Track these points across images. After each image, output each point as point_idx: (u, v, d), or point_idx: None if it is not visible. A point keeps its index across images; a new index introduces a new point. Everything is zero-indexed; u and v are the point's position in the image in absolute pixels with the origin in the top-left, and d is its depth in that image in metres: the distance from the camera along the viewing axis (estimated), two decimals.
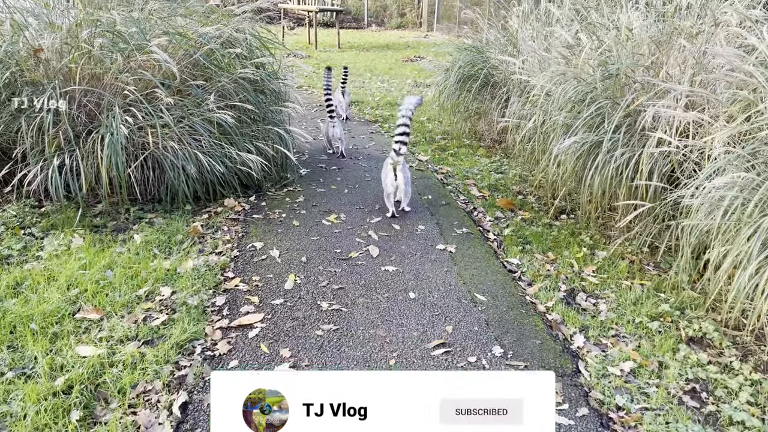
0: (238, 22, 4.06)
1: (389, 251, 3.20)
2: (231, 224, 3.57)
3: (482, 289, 2.81)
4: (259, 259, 3.05)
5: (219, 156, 3.73)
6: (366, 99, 7.93)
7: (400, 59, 12.68)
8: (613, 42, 3.56)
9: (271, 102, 4.22)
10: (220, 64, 3.89)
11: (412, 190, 3.89)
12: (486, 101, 5.63)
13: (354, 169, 4.72)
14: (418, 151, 5.48)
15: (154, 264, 3.00)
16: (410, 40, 16.88)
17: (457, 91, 5.62)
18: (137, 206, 3.81)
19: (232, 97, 3.86)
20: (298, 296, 2.68)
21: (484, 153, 5.50)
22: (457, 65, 5.59)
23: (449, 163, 5.14)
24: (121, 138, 3.40)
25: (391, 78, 10.03)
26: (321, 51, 13.90)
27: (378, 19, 22.33)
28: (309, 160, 4.95)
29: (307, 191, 4.15)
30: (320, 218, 3.65)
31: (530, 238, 3.52)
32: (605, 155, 3.23)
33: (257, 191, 4.07)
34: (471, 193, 4.31)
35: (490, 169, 4.98)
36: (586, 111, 3.43)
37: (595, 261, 3.25)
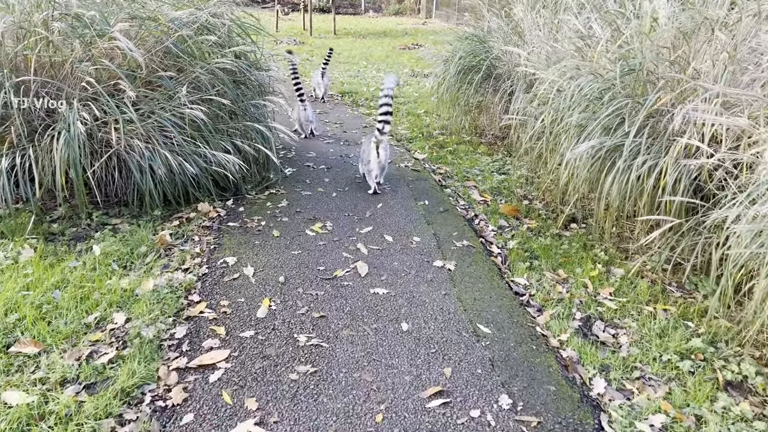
0: (215, 6, 3.64)
1: (380, 269, 2.82)
2: (203, 233, 3.18)
3: (486, 318, 2.44)
4: (231, 278, 2.67)
5: (191, 156, 3.34)
6: (360, 89, 7.51)
7: (397, 47, 12.25)
8: (634, 33, 3.17)
9: (253, 95, 3.81)
10: (194, 53, 3.48)
11: (408, 194, 3.53)
12: (488, 94, 5.23)
13: (344, 169, 4.33)
14: (415, 148, 5.08)
15: (111, 283, 2.62)
16: (408, 26, 16.41)
17: (457, 83, 5.22)
18: (102, 210, 3.42)
19: (208, 90, 3.45)
20: (272, 327, 2.30)
21: (485, 150, 5.11)
22: (457, 56, 5.18)
23: (448, 162, 4.75)
24: (79, 135, 3.00)
25: (387, 67, 9.61)
26: (316, 37, 13.45)
27: (375, 4, 21.81)
28: (295, 157, 4.56)
29: (292, 194, 3.76)
30: (304, 227, 3.27)
31: (538, 252, 3.15)
32: (625, 162, 2.85)
33: (236, 194, 3.68)
34: (472, 198, 3.93)
35: (492, 169, 4.59)
36: (603, 111, 3.04)
37: (611, 281, 2.88)
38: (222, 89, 3.55)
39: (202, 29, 3.65)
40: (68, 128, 3.03)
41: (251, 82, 3.77)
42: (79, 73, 3.22)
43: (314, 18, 16.83)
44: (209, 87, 3.48)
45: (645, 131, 2.87)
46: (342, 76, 8.50)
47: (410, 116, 6.25)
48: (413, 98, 7.17)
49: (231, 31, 3.83)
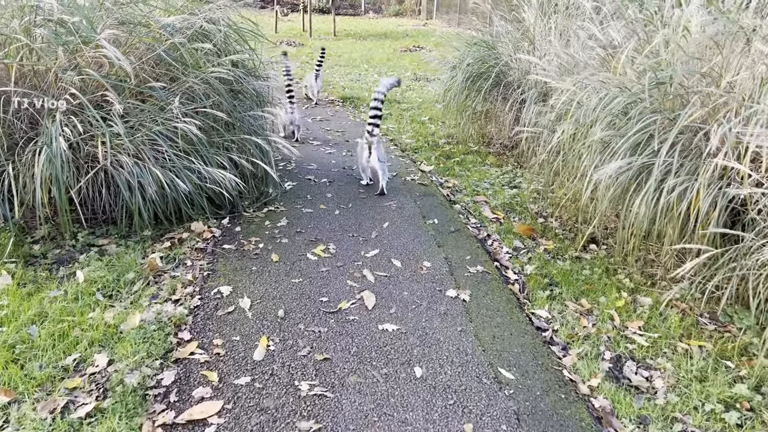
0: (211, 11, 3.41)
1: (388, 299, 2.58)
2: (196, 257, 2.95)
3: (508, 360, 2.21)
4: (225, 311, 2.43)
5: (184, 172, 3.10)
6: (362, 95, 7.27)
7: (399, 49, 12.02)
8: (662, 42, 2.94)
9: (251, 106, 3.58)
10: (187, 62, 3.24)
11: (416, 211, 3.30)
12: (497, 103, 5.00)
13: (347, 182, 4.09)
14: (421, 159, 4.85)
15: (94, 316, 2.38)
16: (409, 28, 16.19)
17: (464, 90, 4.99)
18: (89, 229, 3.19)
19: (203, 101, 3.22)
20: (270, 372, 2.07)
21: (494, 161, 4.88)
22: (465, 62, 4.95)
23: (456, 174, 4.52)
24: (62, 152, 2.77)
25: (389, 70, 9.37)
26: (315, 39, 13.22)
27: (375, 5, 21.60)
28: (296, 170, 4.33)
29: (292, 212, 3.52)
30: (305, 250, 3.03)
31: (558, 278, 2.92)
32: (654, 182, 2.62)
33: (232, 211, 3.44)
34: (483, 215, 3.70)
35: (503, 182, 4.36)
36: (629, 127, 2.81)
37: (639, 312, 2.65)
38: (217, 100, 3.31)
39: (196, 36, 3.42)
40: (50, 143, 2.79)
41: (249, 91, 3.54)
42: (63, 83, 2.99)
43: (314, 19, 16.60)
44: (204, 98, 3.24)
45: (676, 149, 2.64)
46: (343, 80, 8.27)
47: (414, 123, 6.02)
48: (417, 104, 6.94)
49: (228, 38, 3.59)
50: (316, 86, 6.64)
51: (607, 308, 2.68)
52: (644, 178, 2.80)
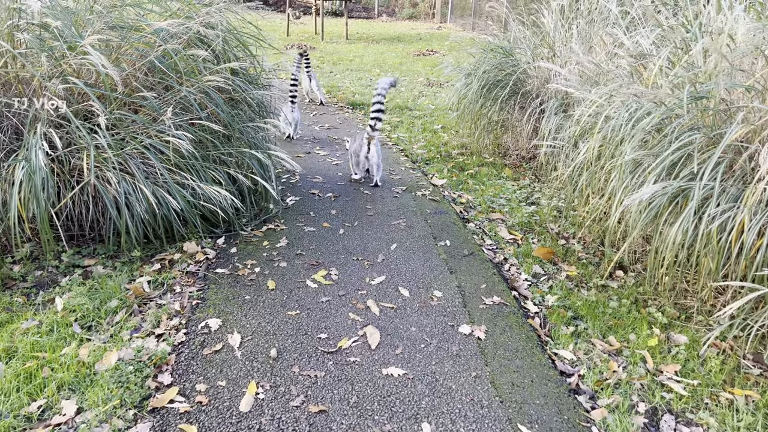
0: (209, 15, 3.18)
1: (394, 337, 2.32)
2: (186, 282, 2.71)
3: (529, 414, 1.94)
4: (212, 349, 2.19)
5: (176, 188, 2.87)
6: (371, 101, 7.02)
7: (412, 53, 11.77)
8: (700, 52, 2.66)
9: (251, 117, 3.34)
10: (182, 69, 3.01)
11: (426, 231, 3.05)
12: (514, 112, 4.73)
13: (353, 198, 3.84)
14: (432, 171, 4.59)
15: (68, 352, 2.15)
16: (422, 31, 15.94)
17: (479, 99, 4.72)
18: (74, 248, 2.97)
19: (198, 112, 2.98)
20: (258, 427, 1.81)
21: (509, 174, 4.60)
22: (480, 69, 4.69)
23: (469, 188, 4.25)
24: (41, 167, 2.55)
25: (401, 75, 9.12)
26: (327, 42, 13.01)
27: (389, 8, 21.40)
28: (299, 183, 4.08)
29: (293, 231, 3.28)
30: (304, 275, 2.78)
31: (582, 311, 2.65)
32: (694, 207, 2.34)
33: (228, 230, 3.20)
34: (499, 236, 3.43)
35: (520, 197, 4.09)
36: (664, 145, 2.54)
37: (674, 353, 2.37)
38: (215, 110, 3.08)
39: (193, 42, 3.19)
40: (29, 158, 2.57)
41: (249, 101, 3.30)
42: (47, 92, 2.77)
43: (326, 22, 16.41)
44: (199, 108, 3.01)
45: (718, 172, 2.36)
46: (354, 85, 8.03)
47: (426, 132, 5.76)
48: (429, 111, 6.68)
49: (228, 44, 3.36)
50: (313, 86, 6.65)
51: (638, 347, 2.40)
52: (680, 201, 2.53)
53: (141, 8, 3.10)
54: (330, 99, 7.15)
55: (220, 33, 3.11)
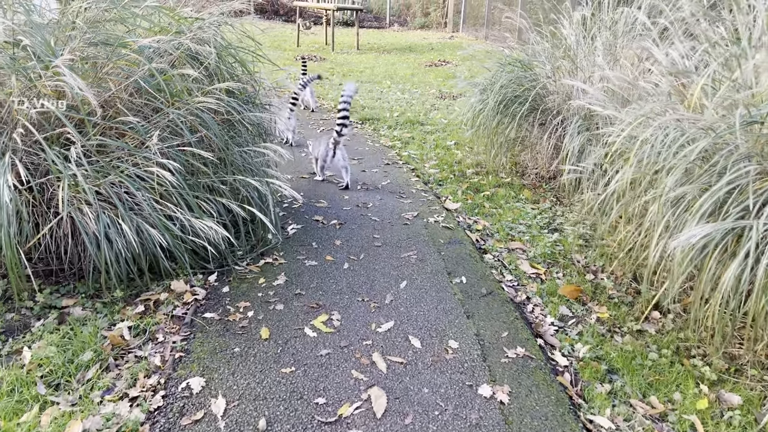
0: (201, 30, 2.91)
1: (403, 401, 2.01)
2: (171, 328, 2.42)
3: None
4: (191, 419, 1.89)
5: (163, 221, 2.59)
6: (383, 115, 6.74)
7: (423, 63, 11.49)
8: (752, 70, 2.34)
9: (247, 140, 3.06)
10: (170, 90, 2.74)
11: (439, 265, 2.74)
12: (533, 129, 4.42)
13: (360, 226, 3.54)
14: (445, 193, 4.28)
15: (26, 419, 1.87)
16: (434, 41, 15.67)
17: (496, 115, 4.41)
18: (53, 286, 2.70)
19: (188, 136, 2.71)
20: None
21: (528, 196, 4.29)
22: (497, 84, 4.38)
23: (485, 212, 3.94)
24: (7, 202, 2.28)
25: (413, 87, 8.83)
26: (338, 53, 12.78)
27: (401, 18, 21.19)
28: (303, 208, 3.79)
29: (293, 265, 2.98)
30: (303, 321, 2.48)
31: (618, 364, 2.32)
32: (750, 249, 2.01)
33: (222, 265, 2.92)
34: (520, 269, 3.11)
35: (541, 223, 3.77)
36: (714, 177, 2.22)
37: (728, 418, 2.04)
38: (208, 134, 2.81)
39: (185, 59, 2.92)
40: None
41: (246, 123, 3.02)
42: (19, 116, 2.51)
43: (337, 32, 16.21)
44: (190, 132, 2.73)
45: None
46: (364, 98, 7.75)
47: (439, 149, 5.46)
48: (441, 126, 6.38)
49: (223, 61, 3.09)
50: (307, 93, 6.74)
51: (685, 411, 2.08)
52: (730, 239, 2.20)
53: (127, 24, 2.83)
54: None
55: (213, 50, 2.83)
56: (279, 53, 12.10)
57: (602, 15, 4.40)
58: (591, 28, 4.39)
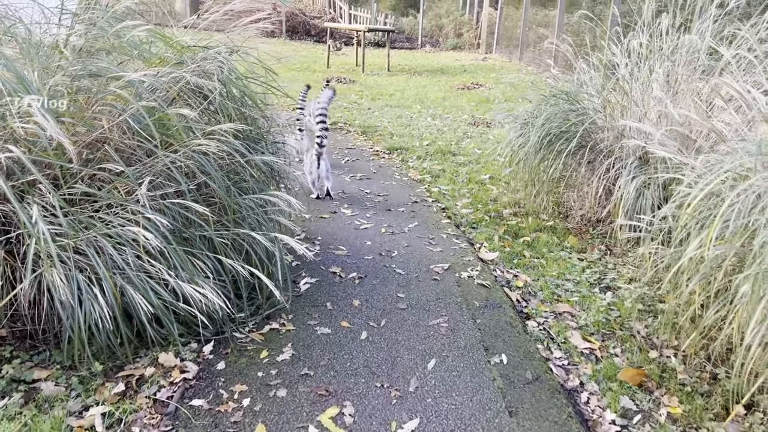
0: (205, 60, 2.54)
1: None
2: (151, 419, 2.02)
3: None
4: None
5: (149, 283, 2.20)
6: (412, 144, 6.33)
7: (455, 86, 11.09)
8: None
9: (254, 187, 2.67)
10: (163, 131, 2.37)
11: (474, 338, 2.29)
12: (581, 168, 3.95)
13: (383, 281, 3.11)
14: (480, 239, 3.82)
15: None
16: (467, 63, 15.30)
17: (539, 151, 3.96)
18: (25, 353, 2.34)
19: (184, 184, 2.33)
20: None
21: (574, 243, 3.80)
22: (540, 118, 3.93)
23: (526, 264, 3.47)
24: None
25: (444, 111, 8.43)
26: (368, 74, 12.49)
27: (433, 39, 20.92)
28: (320, 255, 3.38)
29: (301, 333, 2.56)
30: (308, 415, 2.05)
31: None
32: None
33: (219, 332, 2.51)
34: (570, 342, 2.63)
35: (591, 279, 3.29)
36: None
37: None
38: (205, 181, 2.42)
39: (186, 94, 2.56)
40: None
41: (253, 167, 2.63)
42: None
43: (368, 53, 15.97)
44: (187, 179, 2.35)
45: None
46: (392, 125, 7.37)
47: (472, 184, 5.02)
48: (475, 157, 5.94)
49: (230, 94, 2.72)
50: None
51: None
52: None
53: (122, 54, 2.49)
54: (364, 141, 6.51)
55: (218, 84, 2.46)
56: (308, 75, 11.84)
57: (660, 42, 3.93)
58: (646, 57, 3.92)
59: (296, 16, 19.07)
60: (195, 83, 2.49)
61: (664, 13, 4.05)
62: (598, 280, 3.31)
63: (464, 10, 20.39)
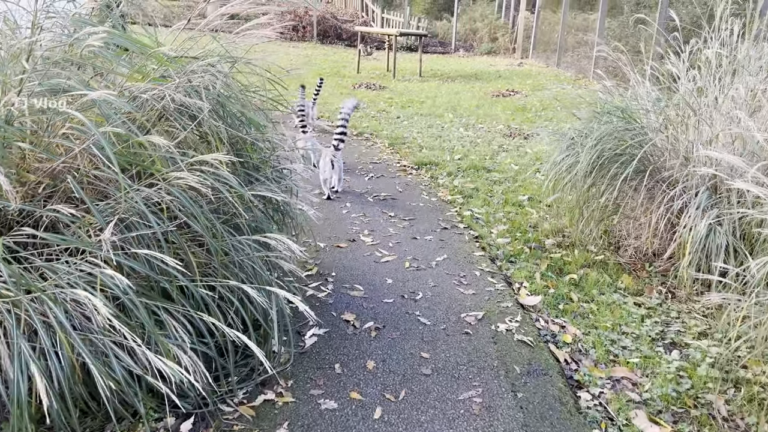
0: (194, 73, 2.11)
1: None
2: None
3: None
4: None
5: (113, 350, 1.78)
6: (443, 158, 5.84)
7: (490, 93, 10.55)
8: None
9: (251, 225, 2.23)
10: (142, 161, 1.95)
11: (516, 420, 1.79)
12: (637, 194, 3.42)
13: (404, 333, 2.63)
14: (519, 277, 3.32)
15: None
16: (502, 68, 14.72)
17: (589, 175, 3.44)
18: None
19: (156, 225, 1.90)
20: None
21: (629, 283, 3.27)
22: (591, 137, 3.41)
23: (574, 311, 2.96)
24: None
25: (477, 121, 7.91)
26: (399, 80, 12.04)
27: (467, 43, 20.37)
28: (332, 297, 2.92)
29: (302, 408, 2.10)
30: None
31: None
32: None
33: (200, 406, 2.07)
34: (634, 426, 2.12)
35: (653, 332, 2.76)
36: None
37: None
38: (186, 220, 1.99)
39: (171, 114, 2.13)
40: None
41: (246, 204, 2.19)
42: None
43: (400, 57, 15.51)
44: (161, 219, 1.93)
45: None
46: (422, 136, 6.88)
47: (509, 206, 4.51)
48: (511, 173, 5.41)
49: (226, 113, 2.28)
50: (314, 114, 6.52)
51: None
52: None
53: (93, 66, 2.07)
54: (391, 155, 6.05)
55: (206, 104, 2.02)
56: (337, 80, 11.44)
57: (734, 52, 3.38)
58: (715, 68, 3.38)
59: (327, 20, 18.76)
60: (181, 102, 2.06)
61: (733, 18, 3.50)
62: (660, 334, 2.78)
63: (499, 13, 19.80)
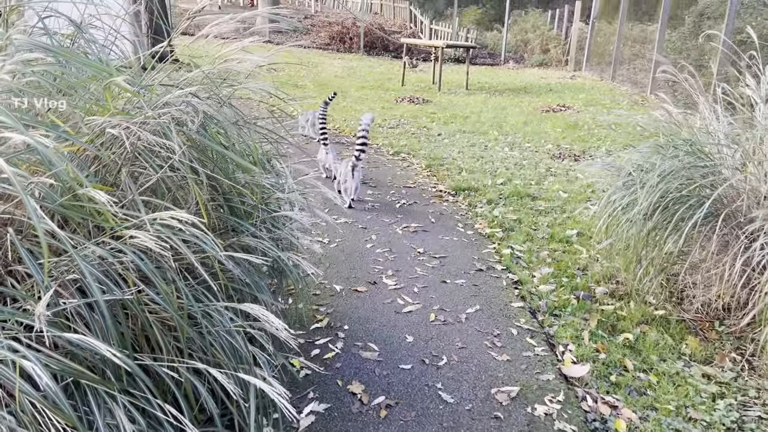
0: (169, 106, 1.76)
1: None
2: None
3: None
4: None
5: None
6: (482, 183, 5.37)
7: (539, 108, 9.99)
8: None
9: (236, 289, 1.85)
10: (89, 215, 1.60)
11: None
12: (707, 240, 2.89)
13: (420, 416, 2.20)
14: (564, 336, 2.84)
15: None
16: (553, 81, 14.09)
17: (650, 217, 2.93)
18: None
19: (100, 296, 1.55)
20: None
21: (695, 347, 2.75)
22: (653, 174, 2.90)
23: (629, 384, 2.46)
24: None
25: (524, 140, 7.39)
26: (444, 93, 11.63)
27: (517, 55, 19.76)
28: (341, 357, 2.52)
29: None
30: None
31: None
32: None
33: None
34: None
35: (728, 419, 2.24)
36: None
37: None
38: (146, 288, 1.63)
39: (141, 154, 1.79)
40: None
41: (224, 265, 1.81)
42: None
43: (447, 69, 15.12)
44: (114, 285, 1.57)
45: None
46: (462, 156, 6.42)
47: (555, 243, 4.01)
48: (559, 202, 4.90)
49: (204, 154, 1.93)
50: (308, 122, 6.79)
51: None
52: None
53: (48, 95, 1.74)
54: (428, 177, 5.62)
55: (177, 145, 1.67)
56: (380, 93, 11.11)
57: None
58: None
59: (374, 32, 18.54)
60: (148, 142, 1.72)
61: None
62: (738, 422, 2.25)
63: (552, 24, 19.13)
